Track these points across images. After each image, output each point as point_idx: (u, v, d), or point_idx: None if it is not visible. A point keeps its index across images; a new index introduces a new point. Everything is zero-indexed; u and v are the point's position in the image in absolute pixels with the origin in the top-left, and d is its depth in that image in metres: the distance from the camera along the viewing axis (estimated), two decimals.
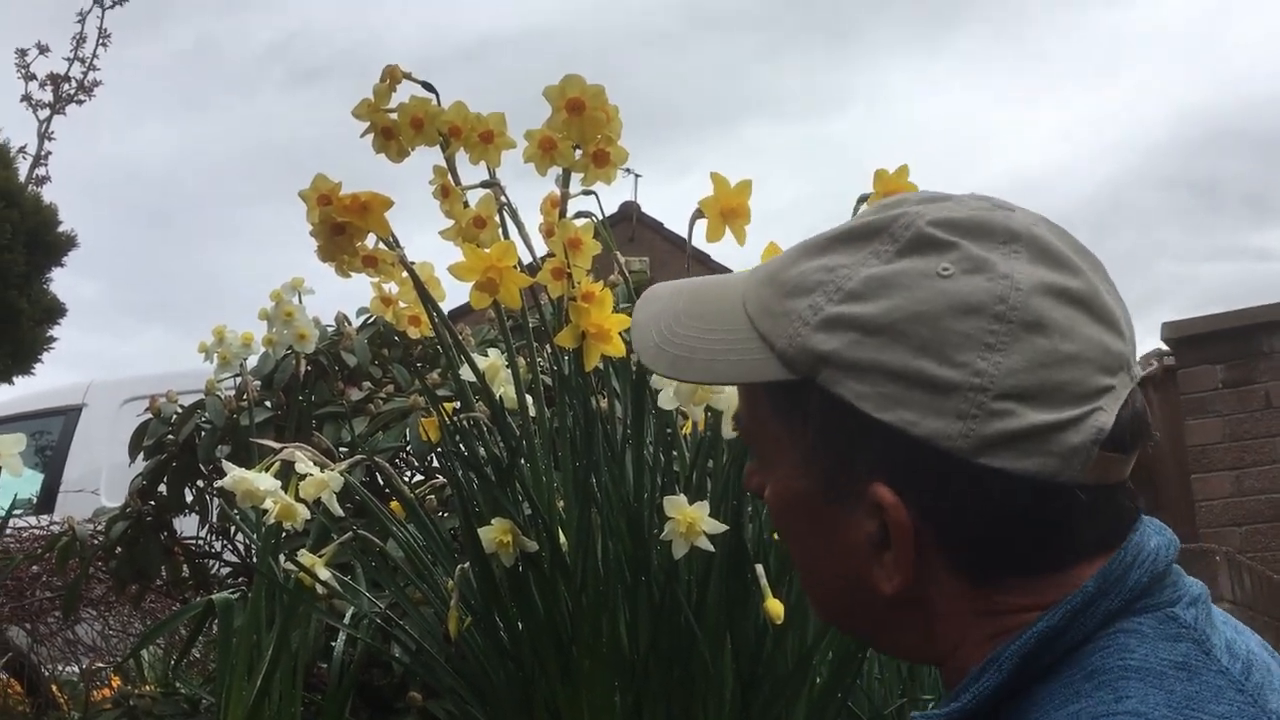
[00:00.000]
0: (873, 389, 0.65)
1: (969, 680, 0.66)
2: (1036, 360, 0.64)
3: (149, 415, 2.53)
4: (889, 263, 0.67)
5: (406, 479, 2.25)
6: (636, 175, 13.26)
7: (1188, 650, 0.64)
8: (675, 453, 1.42)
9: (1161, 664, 0.63)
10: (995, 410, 0.63)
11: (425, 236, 1.51)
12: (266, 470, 1.43)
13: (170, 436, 2.46)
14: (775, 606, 1.23)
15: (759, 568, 1.28)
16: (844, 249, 0.69)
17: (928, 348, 0.64)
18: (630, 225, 13.86)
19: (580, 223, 1.36)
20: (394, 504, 1.57)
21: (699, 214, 1.33)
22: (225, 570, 2.68)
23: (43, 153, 8.56)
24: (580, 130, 1.28)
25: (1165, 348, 4.66)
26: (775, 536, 1.39)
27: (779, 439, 0.71)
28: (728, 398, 1.22)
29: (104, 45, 9.06)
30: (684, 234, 1.37)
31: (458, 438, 1.42)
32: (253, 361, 2.32)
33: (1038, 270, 0.65)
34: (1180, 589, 0.68)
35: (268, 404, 2.38)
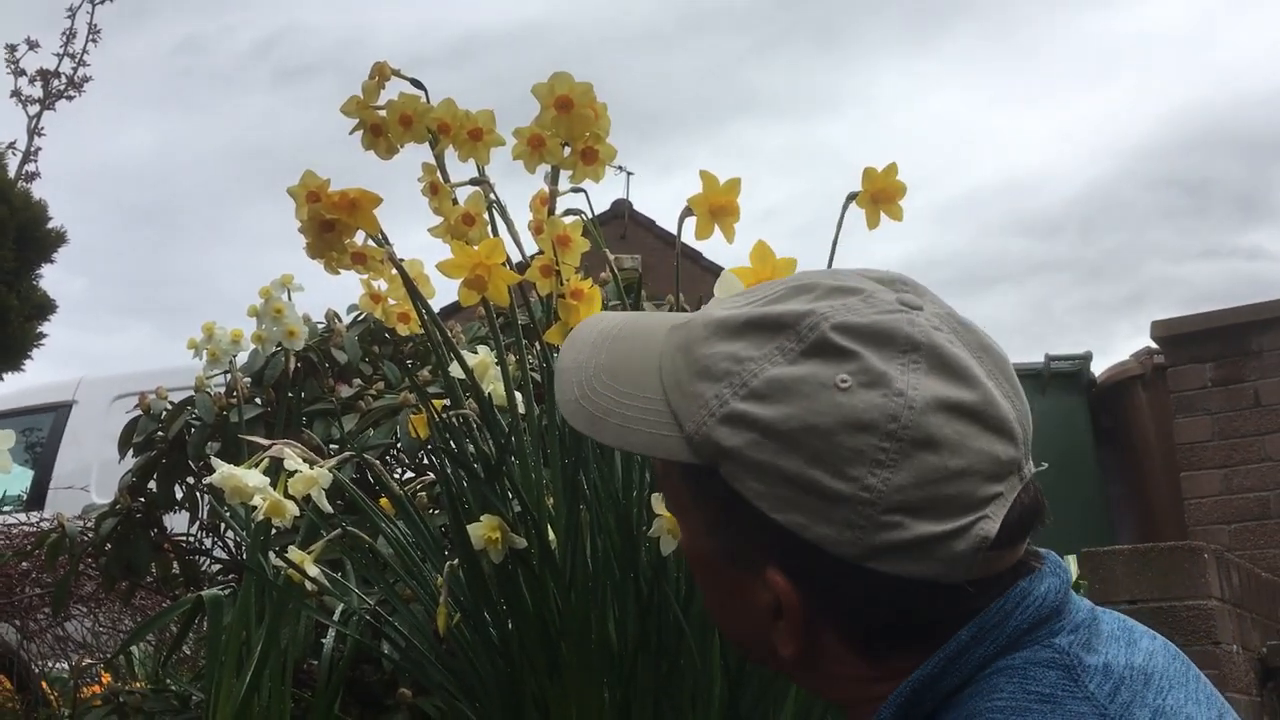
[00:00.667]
0: (769, 489, 0.68)
1: None
2: (925, 477, 0.66)
3: (139, 412, 2.53)
4: (793, 363, 0.69)
5: (397, 476, 2.25)
6: (629, 173, 13.25)
7: (1055, 680, 0.66)
8: None
9: (1027, 699, 0.66)
10: (883, 522, 0.66)
11: (414, 233, 1.51)
12: (255, 467, 1.43)
13: (160, 433, 2.45)
14: None
15: None
16: (753, 338, 0.70)
17: (821, 459, 0.67)
18: (622, 223, 13.85)
19: (569, 220, 1.36)
20: (383, 501, 1.57)
21: (688, 212, 1.33)
22: (215, 567, 2.67)
23: (32, 149, 8.53)
24: (568, 128, 1.28)
25: (1155, 346, 4.68)
26: None
27: (687, 504, 0.75)
28: None
29: (94, 41, 9.03)
30: (675, 232, 1.37)
31: (447, 435, 1.42)
32: (242, 358, 2.32)
33: (934, 383, 0.67)
34: (1064, 618, 0.70)
35: (258, 401, 2.38)
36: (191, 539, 2.67)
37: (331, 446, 2.26)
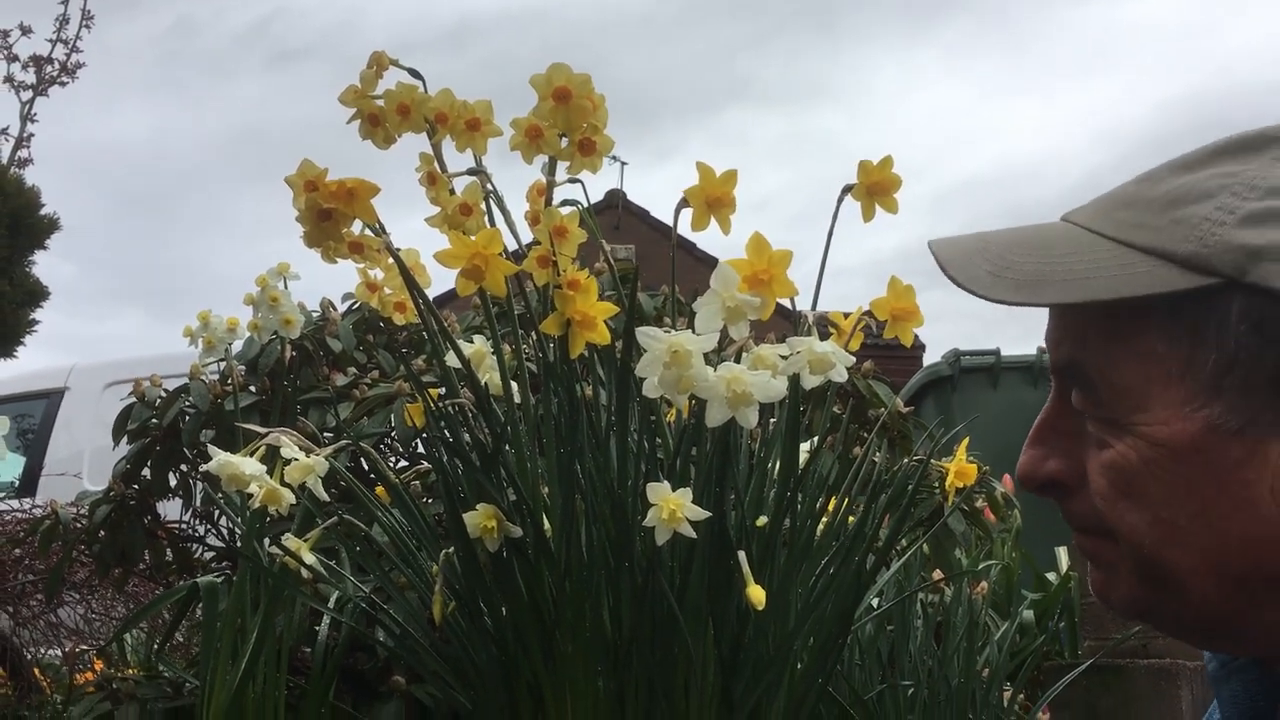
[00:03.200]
0: None
1: None
2: None
3: (132, 399, 2.52)
4: None
5: (392, 464, 2.26)
6: (622, 163, 13.27)
7: None
8: (659, 440, 1.43)
9: None
10: None
11: (409, 221, 1.51)
12: (252, 455, 1.43)
13: (154, 420, 2.45)
14: (757, 593, 1.24)
15: (741, 554, 1.29)
16: (1230, 160, 0.64)
17: None
18: (616, 213, 13.86)
19: (566, 211, 1.37)
20: (379, 489, 1.58)
21: (684, 203, 1.34)
22: (209, 555, 2.68)
23: (25, 135, 8.49)
24: (566, 118, 1.28)
25: None
26: (759, 524, 1.41)
27: (1161, 370, 0.62)
28: (713, 385, 1.23)
29: (87, 27, 8.99)
30: (669, 221, 1.38)
31: (443, 423, 1.42)
32: (238, 346, 2.32)
33: None
34: None
35: (252, 389, 2.38)
36: (185, 526, 2.67)
37: (327, 435, 2.26)
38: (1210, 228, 0.61)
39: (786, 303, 1.38)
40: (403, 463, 2.32)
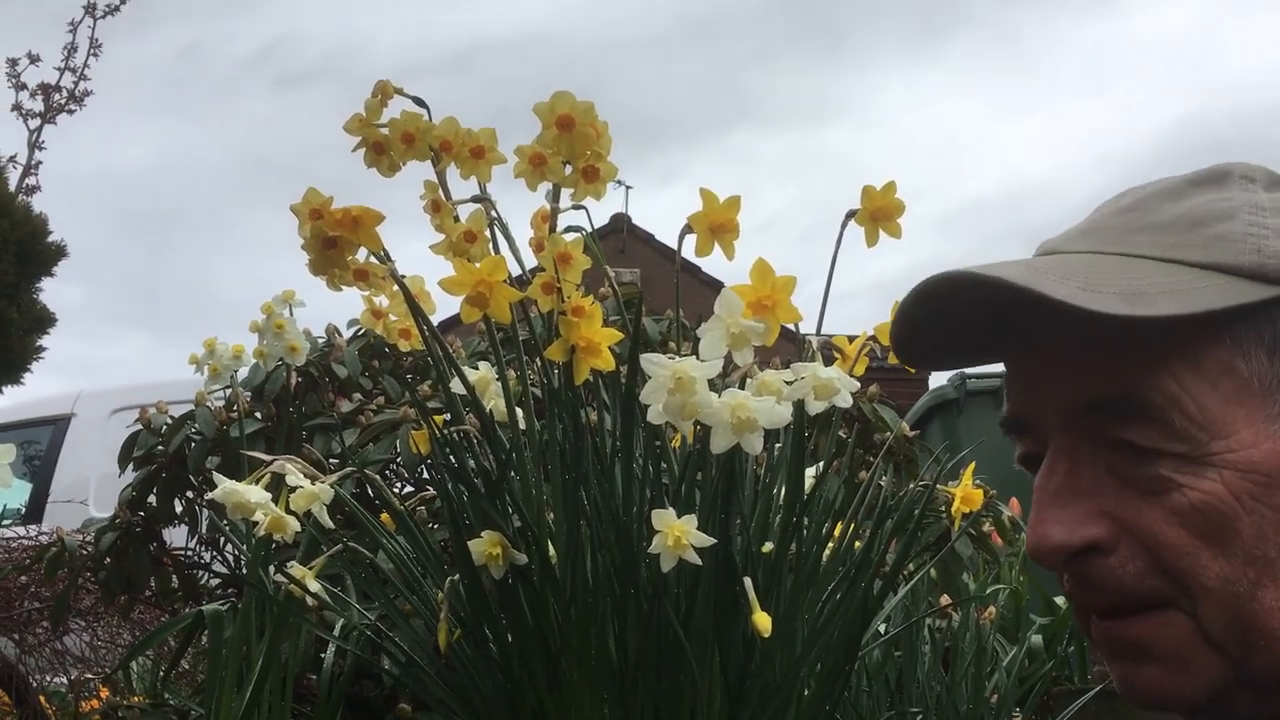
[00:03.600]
0: None
1: None
2: None
3: (139, 426, 2.53)
4: (1270, 191, 0.62)
5: (397, 491, 2.26)
6: (627, 187, 13.31)
7: None
8: (664, 466, 1.43)
9: None
10: None
11: (411, 244, 1.52)
12: (257, 482, 1.43)
13: (160, 447, 2.46)
14: (763, 620, 1.24)
15: (747, 581, 1.29)
16: (1210, 189, 0.63)
17: None
18: (620, 237, 13.90)
19: (570, 238, 1.37)
20: (384, 516, 1.58)
21: (688, 229, 1.34)
22: (214, 582, 2.67)
23: (33, 162, 8.54)
24: (570, 146, 1.29)
25: None
26: (765, 550, 1.40)
27: (1242, 388, 0.58)
28: (717, 411, 1.23)
29: (95, 55, 9.05)
30: (674, 244, 1.38)
31: (448, 450, 1.42)
32: (243, 373, 2.32)
33: None
34: None
35: (258, 416, 2.38)
36: (191, 553, 2.67)
37: (332, 461, 2.26)
38: (1258, 241, 0.59)
39: (792, 326, 1.38)
40: (408, 489, 2.32)
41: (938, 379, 7.55)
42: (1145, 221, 0.62)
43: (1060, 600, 3.39)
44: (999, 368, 0.72)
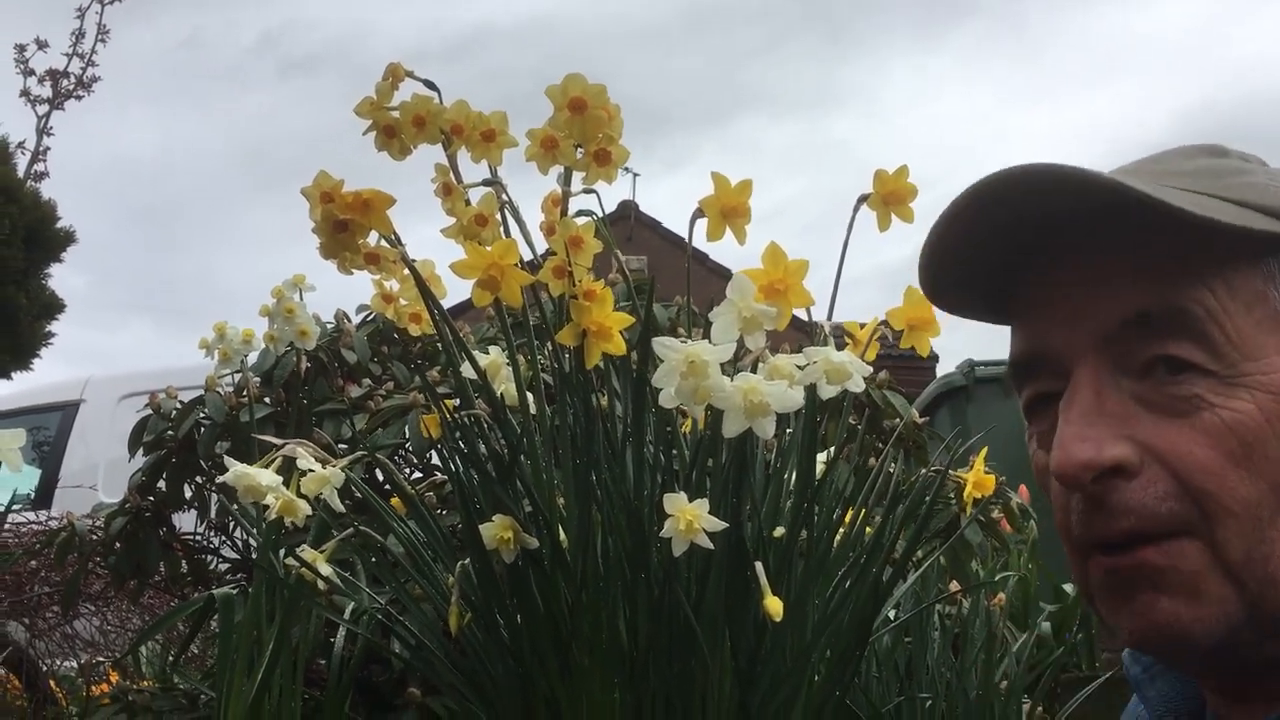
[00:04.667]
0: None
1: None
2: None
3: (148, 411, 2.53)
4: (1265, 167, 0.64)
5: (405, 477, 2.26)
6: (635, 174, 13.29)
7: None
8: (675, 451, 1.43)
9: None
10: None
11: (424, 230, 1.51)
12: (269, 466, 1.43)
13: (170, 432, 2.46)
14: (774, 604, 1.24)
15: (758, 565, 1.29)
16: (1213, 157, 0.64)
17: None
18: (628, 224, 13.88)
19: (581, 221, 1.37)
20: (394, 500, 1.58)
21: (699, 213, 1.34)
22: (224, 567, 2.68)
23: (41, 148, 8.55)
24: (582, 129, 1.28)
25: None
26: (776, 535, 1.40)
27: (1265, 318, 0.59)
28: (730, 395, 1.23)
29: (103, 41, 9.05)
30: (681, 232, 1.37)
31: (459, 434, 1.42)
32: (253, 358, 2.32)
33: None
34: None
35: (267, 400, 2.38)
36: (200, 538, 2.68)
37: (341, 446, 2.26)
38: (1277, 190, 0.60)
39: (801, 314, 1.37)
40: (417, 474, 2.32)
41: (945, 366, 7.53)
42: (1169, 169, 0.62)
43: (1069, 587, 3.38)
44: (1005, 356, 0.72)
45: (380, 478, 2.20)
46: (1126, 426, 0.60)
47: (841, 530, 1.47)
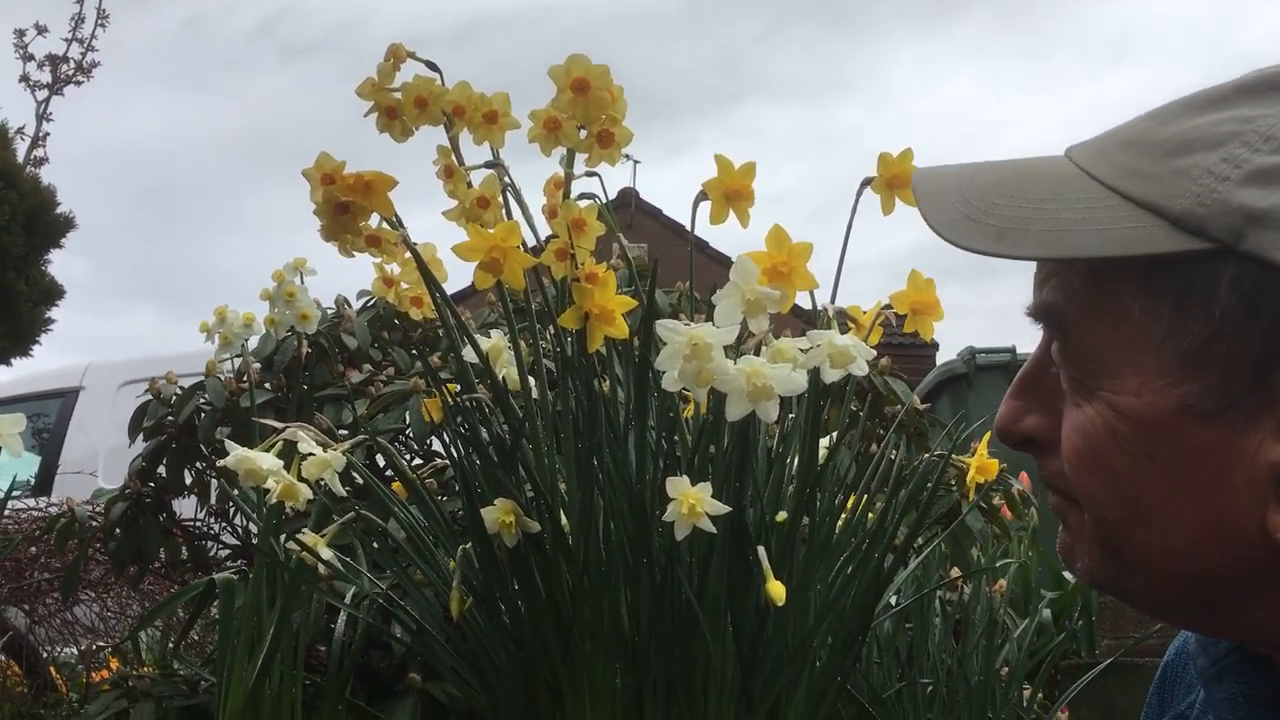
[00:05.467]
0: None
1: None
2: None
3: (148, 397, 2.52)
4: None
5: (405, 460, 2.25)
6: (635, 161, 13.26)
7: None
8: (677, 435, 1.43)
9: None
10: None
11: (423, 214, 1.51)
12: (269, 450, 1.43)
13: (170, 418, 2.45)
14: (776, 589, 1.24)
15: (760, 550, 1.28)
16: (1252, 100, 0.55)
17: None
18: (629, 212, 13.86)
19: (584, 204, 1.36)
20: (396, 485, 1.57)
21: (702, 196, 1.33)
22: (224, 552, 2.68)
23: (41, 134, 8.54)
24: (585, 110, 1.27)
25: None
26: (779, 519, 1.40)
27: (1136, 336, 0.56)
28: (734, 379, 1.22)
29: (103, 26, 9.03)
30: (682, 220, 1.37)
31: (460, 419, 1.42)
32: (253, 343, 2.31)
33: None
34: None
35: (268, 385, 2.38)
36: (200, 524, 2.68)
37: (342, 431, 2.26)
38: (1211, 183, 0.53)
39: (804, 301, 1.37)
40: (416, 461, 2.31)
41: (946, 353, 7.53)
42: (1143, 135, 0.58)
43: (1069, 575, 3.38)
44: (1007, 342, 0.73)
45: (381, 463, 2.19)
46: (1053, 404, 0.62)
47: (843, 516, 1.47)
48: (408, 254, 1.40)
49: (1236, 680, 0.64)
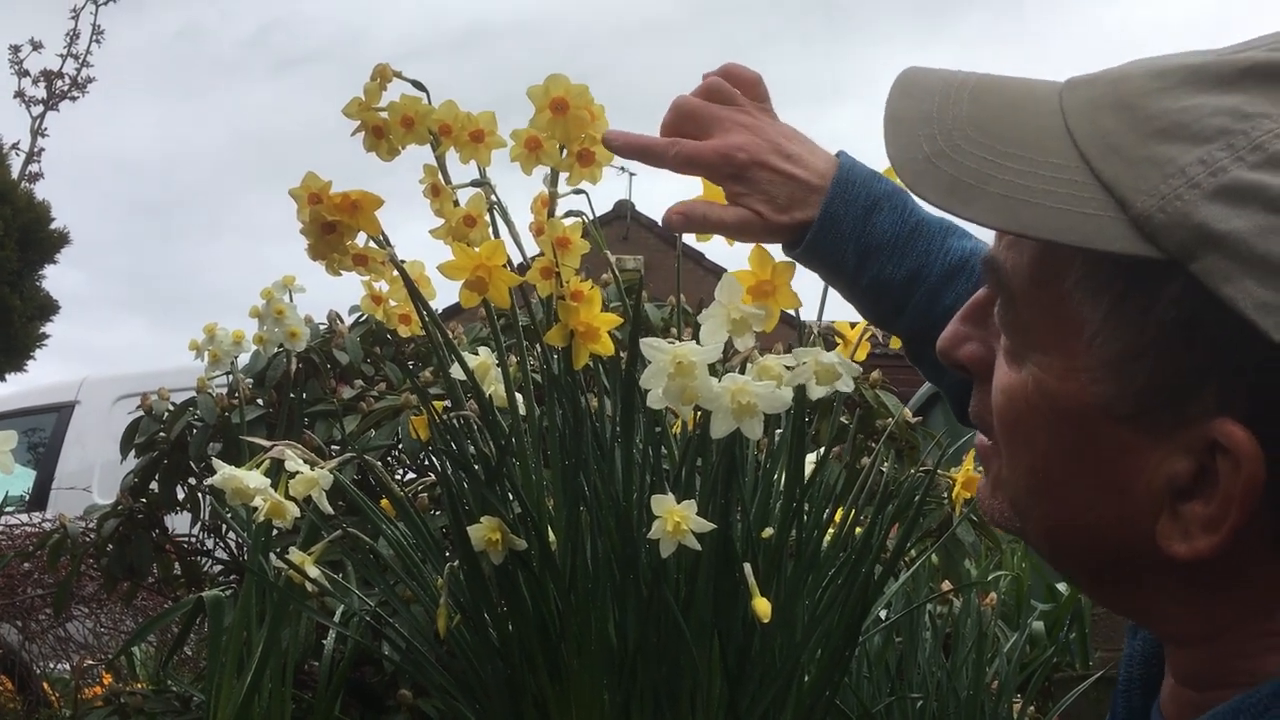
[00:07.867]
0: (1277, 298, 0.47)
1: (1264, 699, 0.52)
2: None
3: (141, 413, 2.53)
4: None
5: (398, 477, 2.26)
6: (631, 174, 13.26)
7: None
8: (664, 451, 1.43)
9: None
10: None
11: (410, 228, 1.51)
12: (257, 468, 1.43)
13: (162, 434, 2.46)
14: (762, 605, 1.24)
15: (746, 566, 1.29)
16: (1258, 91, 0.50)
17: None
18: (624, 224, 13.87)
19: (569, 222, 1.36)
20: (384, 502, 1.57)
21: None
22: (216, 568, 2.68)
23: (36, 149, 8.53)
24: (564, 130, 1.28)
25: None
26: (765, 535, 1.40)
27: (1071, 322, 0.53)
28: (718, 396, 1.22)
29: (98, 41, 9.04)
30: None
31: (448, 436, 1.42)
32: (244, 359, 2.32)
33: None
34: None
35: (259, 402, 2.38)
36: (193, 540, 2.68)
37: (333, 447, 2.26)
38: (1180, 187, 0.49)
39: (792, 312, 1.37)
40: (409, 476, 2.32)
41: None
42: (1137, 100, 0.53)
43: (1062, 587, 3.39)
44: None
45: (372, 480, 2.20)
46: (990, 337, 0.61)
47: (832, 530, 1.47)
48: (395, 272, 1.41)
49: (1145, 639, 0.65)
